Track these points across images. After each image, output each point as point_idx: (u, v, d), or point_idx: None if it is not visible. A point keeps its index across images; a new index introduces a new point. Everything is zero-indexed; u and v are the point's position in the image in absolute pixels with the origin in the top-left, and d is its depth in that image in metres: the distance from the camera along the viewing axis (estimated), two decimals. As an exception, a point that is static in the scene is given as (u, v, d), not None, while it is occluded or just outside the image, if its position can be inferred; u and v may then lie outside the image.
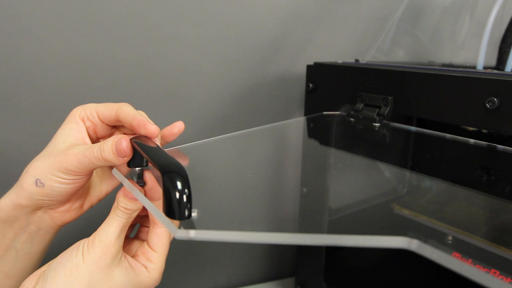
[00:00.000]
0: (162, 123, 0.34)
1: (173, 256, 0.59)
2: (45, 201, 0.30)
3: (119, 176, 0.30)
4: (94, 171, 0.35)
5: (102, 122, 0.33)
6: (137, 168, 0.30)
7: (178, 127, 0.35)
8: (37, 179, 0.29)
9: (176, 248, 0.59)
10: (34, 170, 0.29)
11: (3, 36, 0.43)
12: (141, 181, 0.30)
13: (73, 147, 0.30)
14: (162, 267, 0.31)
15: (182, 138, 0.55)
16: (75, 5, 0.45)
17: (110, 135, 0.35)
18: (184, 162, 0.35)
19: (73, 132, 0.31)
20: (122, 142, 0.28)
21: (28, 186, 0.30)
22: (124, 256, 0.30)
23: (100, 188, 0.35)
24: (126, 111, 0.31)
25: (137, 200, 0.29)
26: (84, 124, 0.32)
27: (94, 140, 0.34)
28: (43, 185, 0.29)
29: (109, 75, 0.49)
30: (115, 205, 0.29)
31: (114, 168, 0.31)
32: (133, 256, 0.31)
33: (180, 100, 0.53)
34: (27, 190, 0.30)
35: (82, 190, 0.34)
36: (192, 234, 0.21)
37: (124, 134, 0.34)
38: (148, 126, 0.30)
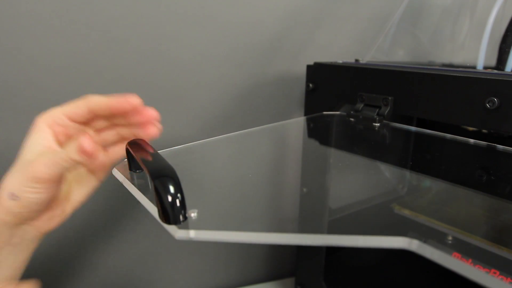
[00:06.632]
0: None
1: (173, 256, 0.59)
2: (24, 213, 0.30)
3: (119, 176, 0.30)
4: (71, 175, 0.34)
5: (74, 122, 0.32)
6: (137, 171, 0.30)
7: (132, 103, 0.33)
8: (11, 193, 0.29)
9: (176, 248, 0.59)
10: (8, 185, 0.29)
11: (3, 36, 0.43)
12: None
13: (40, 155, 0.30)
14: None
15: (182, 138, 0.55)
16: (75, 5, 0.45)
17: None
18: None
19: (39, 141, 0.31)
20: (84, 141, 0.28)
21: (4, 202, 0.29)
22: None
23: (79, 192, 0.35)
24: (97, 101, 0.31)
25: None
26: (53, 130, 0.32)
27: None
28: (19, 197, 0.29)
29: (109, 75, 0.49)
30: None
31: (114, 168, 0.31)
32: None
33: (180, 100, 0.53)
34: (4, 206, 0.29)
35: (61, 196, 0.33)
36: (192, 234, 0.21)
37: (98, 128, 0.34)
38: (129, 98, 0.30)
